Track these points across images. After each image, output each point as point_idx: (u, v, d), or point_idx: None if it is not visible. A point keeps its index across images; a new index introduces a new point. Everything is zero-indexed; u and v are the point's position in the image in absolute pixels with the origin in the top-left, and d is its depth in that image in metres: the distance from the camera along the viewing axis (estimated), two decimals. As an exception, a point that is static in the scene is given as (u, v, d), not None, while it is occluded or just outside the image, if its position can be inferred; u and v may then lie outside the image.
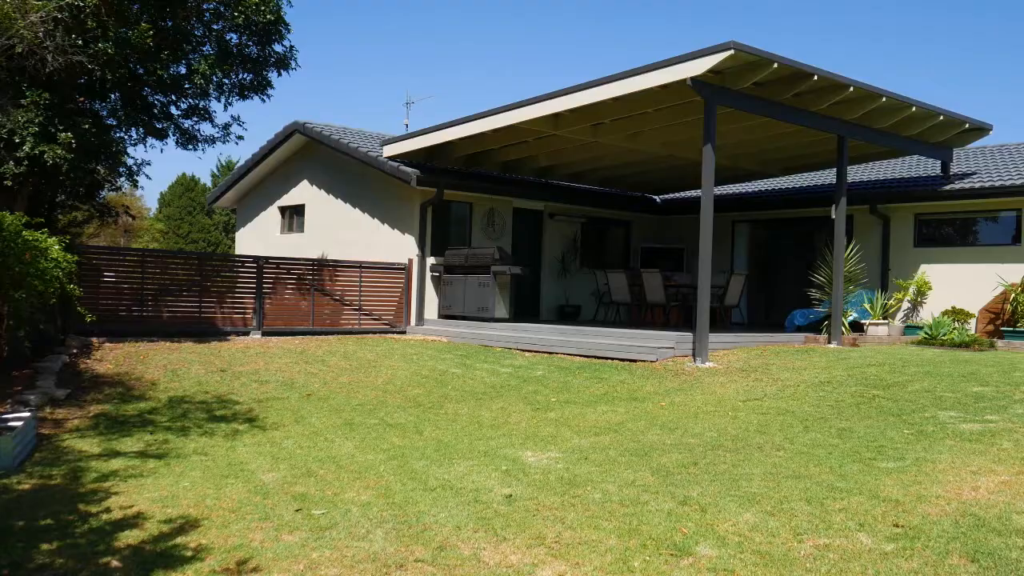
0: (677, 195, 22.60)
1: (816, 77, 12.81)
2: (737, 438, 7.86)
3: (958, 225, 17.42)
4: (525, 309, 19.09)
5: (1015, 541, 4.82)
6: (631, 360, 12.81)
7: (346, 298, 16.48)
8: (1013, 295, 15.41)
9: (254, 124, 62.16)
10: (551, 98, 13.98)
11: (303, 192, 20.72)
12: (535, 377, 11.92)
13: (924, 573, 4.44)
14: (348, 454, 7.57)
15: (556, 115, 14.65)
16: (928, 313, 16.76)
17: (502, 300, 16.68)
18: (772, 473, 6.47)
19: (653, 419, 8.93)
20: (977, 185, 16.21)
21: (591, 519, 5.44)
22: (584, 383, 11.41)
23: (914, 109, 14.56)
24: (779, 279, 19.59)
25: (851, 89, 13.36)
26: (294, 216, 21.39)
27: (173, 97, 13.75)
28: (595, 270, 19.78)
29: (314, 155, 20.16)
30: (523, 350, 14.45)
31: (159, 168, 58.74)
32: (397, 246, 17.60)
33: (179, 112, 14.01)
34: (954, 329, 14.65)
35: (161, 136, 13.93)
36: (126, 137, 13.62)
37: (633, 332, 14.42)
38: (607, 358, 13.13)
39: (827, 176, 20.35)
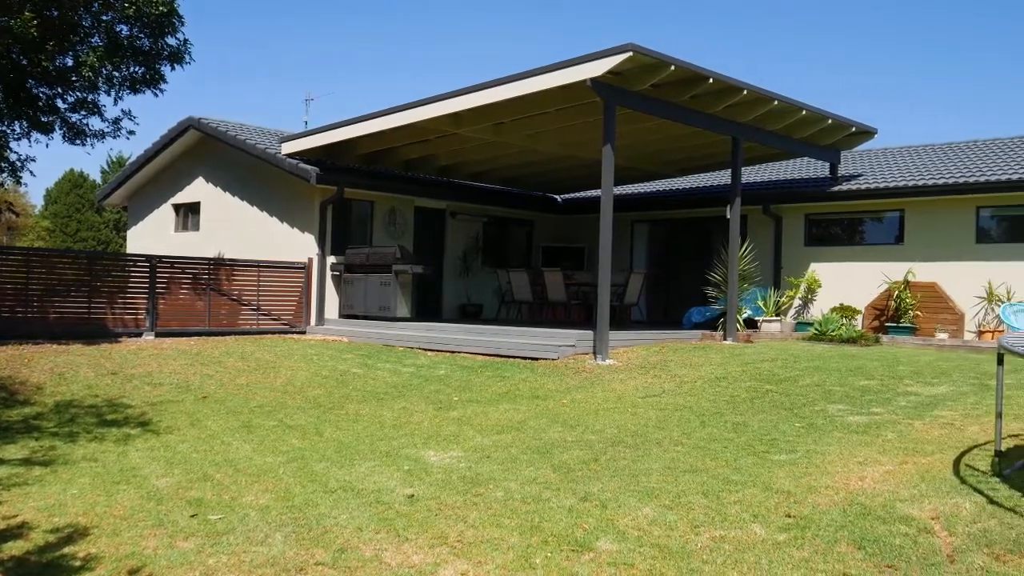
0: (578, 195, 22.85)
1: (711, 80, 13.13)
2: (637, 434, 7.99)
3: (846, 225, 18.10)
4: (427, 308, 19.04)
5: (898, 528, 5.02)
6: (533, 358, 12.90)
7: (244, 298, 16.14)
8: (896, 292, 16.08)
9: (148, 119, 60.27)
10: (451, 97, 13.97)
11: (198, 190, 20.19)
12: (437, 376, 11.89)
13: (814, 561, 4.59)
14: (246, 457, 7.41)
15: (457, 114, 14.64)
16: (818, 310, 17.35)
17: (404, 299, 16.58)
18: (670, 468, 6.60)
19: (555, 417, 9.01)
20: (863, 187, 16.86)
21: (493, 517, 5.45)
22: (486, 382, 11.43)
23: (804, 112, 15.07)
24: (677, 277, 20.00)
25: (745, 92, 13.74)
26: (189, 214, 20.83)
27: (59, 90, 13.20)
28: (497, 269, 19.87)
29: (210, 152, 19.66)
30: (425, 349, 14.39)
31: (45, 164, 56.48)
32: (297, 245, 17.32)
33: (66, 105, 13.46)
34: (842, 325, 15.19)
35: (46, 130, 13.36)
36: (8, 131, 13.04)
37: (535, 330, 14.52)
38: (509, 356, 13.19)
39: (723, 177, 20.86)
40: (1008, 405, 8.30)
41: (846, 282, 17.21)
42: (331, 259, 17.28)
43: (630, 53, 11.83)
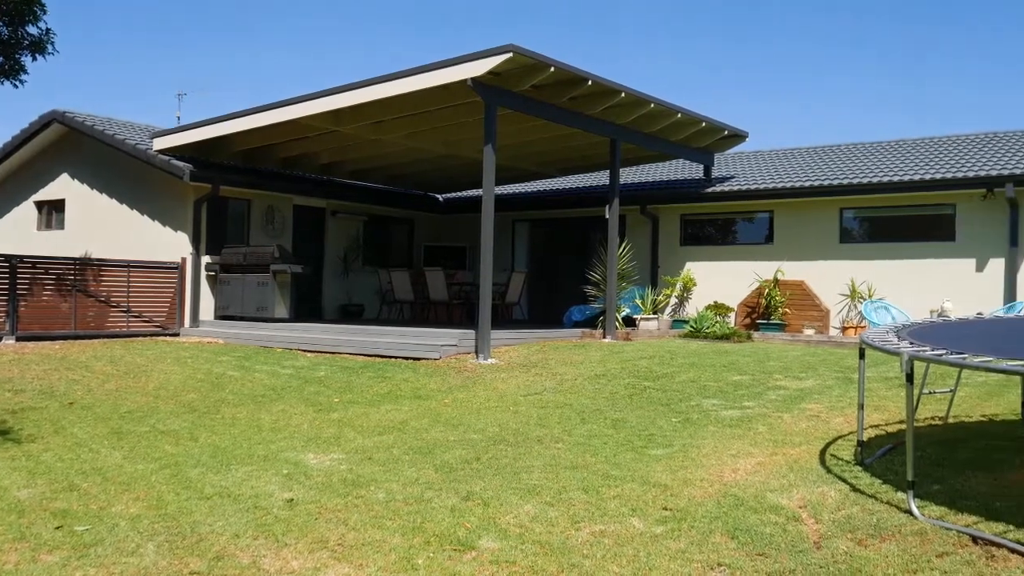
0: (460, 194, 22.87)
1: (590, 82, 13.34)
2: (518, 432, 8.05)
3: (719, 225, 18.70)
4: (307, 309, 18.69)
5: (769, 517, 5.21)
6: (415, 358, 12.84)
7: (113, 299, 15.52)
8: (767, 290, 16.70)
9: (9, 113, 57.30)
10: (330, 94, 13.77)
11: (64, 187, 19.28)
12: (317, 378, 11.70)
13: (690, 552, 4.72)
14: (116, 465, 7.13)
15: (337, 112, 14.42)
16: (694, 308, 17.85)
17: (283, 300, 16.26)
18: (551, 465, 6.68)
19: (437, 416, 8.99)
20: (735, 188, 17.44)
21: (375, 519, 5.40)
22: (368, 382, 11.32)
23: (679, 115, 15.49)
24: (558, 276, 20.24)
25: (622, 95, 14.01)
26: (53, 212, 19.87)
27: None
28: (379, 269, 19.70)
29: (76, 147, 18.80)
30: (305, 351, 14.15)
31: None
32: (170, 244, 16.75)
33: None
34: (716, 323, 15.66)
35: None
36: None
37: (417, 330, 14.46)
38: (391, 357, 13.10)
39: (603, 177, 21.21)
40: (869, 397, 8.73)
41: (720, 280, 17.77)
42: (206, 259, 16.79)
43: (510, 54, 11.91)
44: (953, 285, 15.33)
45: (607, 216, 15.72)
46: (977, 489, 5.54)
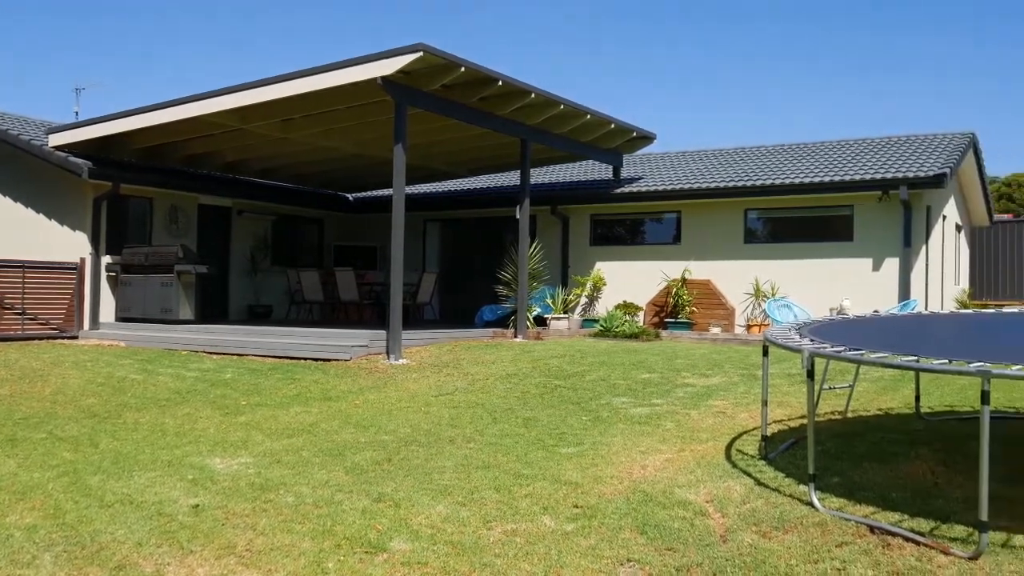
0: (370, 194, 22.66)
1: (500, 83, 13.38)
2: (430, 432, 8.03)
3: (628, 225, 18.97)
4: (213, 310, 18.25)
5: (677, 512, 5.31)
6: (325, 360, 12.68)
7: (6, 301, 14.92)
8: (675, 289, 17.01)
9: None
10: (237, 91, 13.50)
11: (-48, 183, 18.45)
12: (224, 380, 11.45)
13: (600, 548, 4.77)
14: (10, 473, 6.85)
15: (243, 109, 14.12)
16: (604, 307, 18.06)
17: (187, 301, 15.87)
18: (463, 465, 6.68)
19: (347, 418, 8.90)
20: (643, 189, 17.72)
21: (284, 523, 5.32)
22: (276, 385, 11.13)
23: (589, 117, 15.65)
24: (469, 276, 20.22)
25: (533, 96, 14.09)
26: (-59, 210, 18.99)
27: None
28: (287, 269, 19.37)
29: (-35, 142, 18.00)
30: (211, 353, 13.83)
31: None
32: (68, 244, 16.17)
33: None
34: (625, 321, 15.87)
35: None
36: None
37: (327, 331, 14.28)
38: (300, 358, 12.90)
39: (514, 178, 21.26)
40: (773, 393, 8.97)
41: (629, 280, 18.02)
42: (106, 259, 16.27)
43: (420, 53, 11.86)
44: (852, 284, 15.87)
45: (518, 216, 15.79)
46: (874, 480, 5.75)
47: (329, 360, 12.64)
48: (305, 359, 12.84)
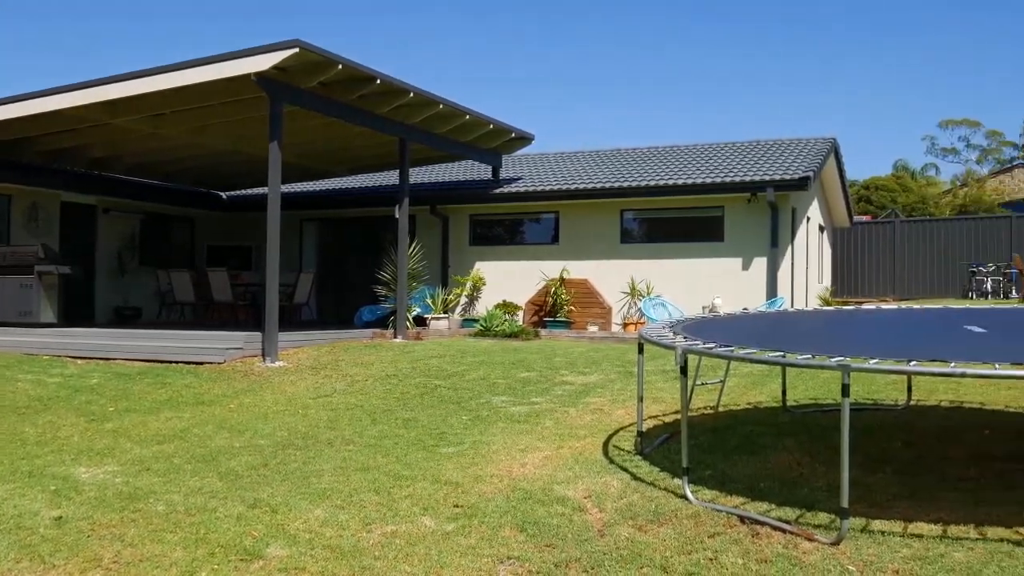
0: (245, 192, 22.09)
1: (379, 81, 13.26)
2: (308, 436, 7.89)
3: (507, 226, 19.10)
4: (78, 312, 17.47)
5: (556, 509, 5.38)
6: (198, 362, 12.31)
7: None
8: (553, 289, 17.22)
9: None
10: (103, 84, 12.95)
11: None
12: (89, 386, 10.97)
13: (480, 547, 4.79)
14: None
15: (111, 103, 13.57)
16: (483, 307, 18.12)
17: (49, 303, 15.16)
18: (342, 467, 6.59)
19: (221, 422, 8.66)
20: (522, 189, 17.87)
21: (154, 533, 5.14)
22: (146, 389, 10.74)
23: (468, 117, 15.69)
24: (348, 276, 19.98)
25: (411, 95, 14.02)
26: None
27: None
28: (157, 269, 18.72)
29: None
30: (75, 357, 13.23)
31: None
32: (-85, 243, 15.24)
33: None
34: (505, 321, 15.98)
35: None
36: None
37: (199, 333, 13.88)
38: (172, 361, 12.48)
39: (393, 177, 21.09)
40: (648, 389, 9.17)
41: (509, 280, 18.14)
42: (-41, 259, 15.40)
43: (296, 49, 11.65)
44: (723, 282, 16.39)
45: (397, 216, 15.69)
46: (744, 472, 5.96)
47: (202, 363, 12.28)
48: (176, 362, 12.43)
